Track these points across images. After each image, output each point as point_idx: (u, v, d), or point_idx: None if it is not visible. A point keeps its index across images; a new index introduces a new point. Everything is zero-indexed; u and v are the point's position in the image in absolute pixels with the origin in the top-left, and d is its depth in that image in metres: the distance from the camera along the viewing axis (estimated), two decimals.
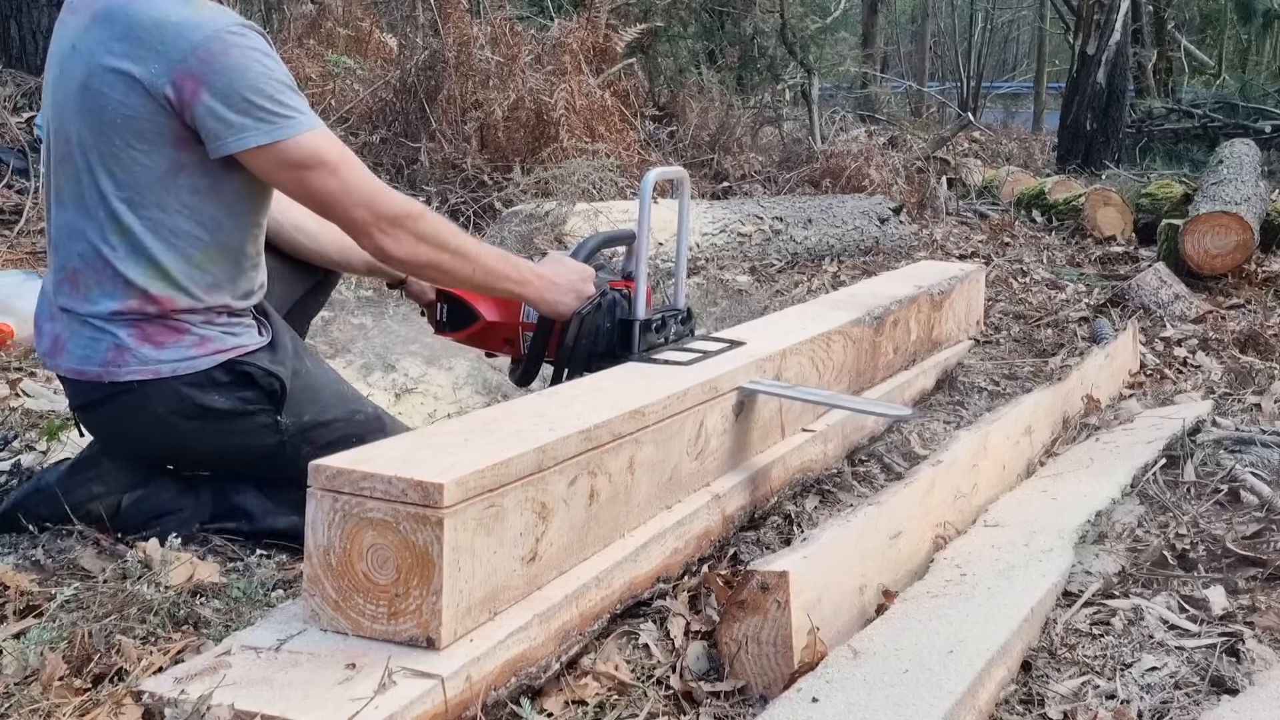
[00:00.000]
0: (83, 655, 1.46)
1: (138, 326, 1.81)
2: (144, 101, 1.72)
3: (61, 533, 1.90)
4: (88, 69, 1.75)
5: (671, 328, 2.21)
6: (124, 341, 1.81)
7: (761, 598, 1.48)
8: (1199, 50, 15.21)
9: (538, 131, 5.29)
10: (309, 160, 1.73)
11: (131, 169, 1.76)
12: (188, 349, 1.83)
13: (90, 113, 1.76)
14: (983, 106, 18.25)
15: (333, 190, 1.75)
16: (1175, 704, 1.50)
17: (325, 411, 1.94)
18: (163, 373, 1.81)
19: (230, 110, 1.70)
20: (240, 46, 1.71)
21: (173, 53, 1.70)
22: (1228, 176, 5.58)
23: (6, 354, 2.70)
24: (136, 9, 1.73)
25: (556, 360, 2.14)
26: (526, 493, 1.46)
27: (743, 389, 2.06)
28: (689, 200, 2.31)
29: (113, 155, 1.76)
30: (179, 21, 1.71)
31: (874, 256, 5.34)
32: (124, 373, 1.81)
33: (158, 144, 1.75)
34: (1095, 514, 2.06)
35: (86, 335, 1.82)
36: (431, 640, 1.33)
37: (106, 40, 1.73)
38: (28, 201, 3.65)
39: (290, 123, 1.72)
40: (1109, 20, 9.15)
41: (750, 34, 7.53)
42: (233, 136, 1.71)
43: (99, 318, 1.81)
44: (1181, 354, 3.60)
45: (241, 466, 1.96)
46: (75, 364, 1.84)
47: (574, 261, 2.12)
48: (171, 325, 1.82)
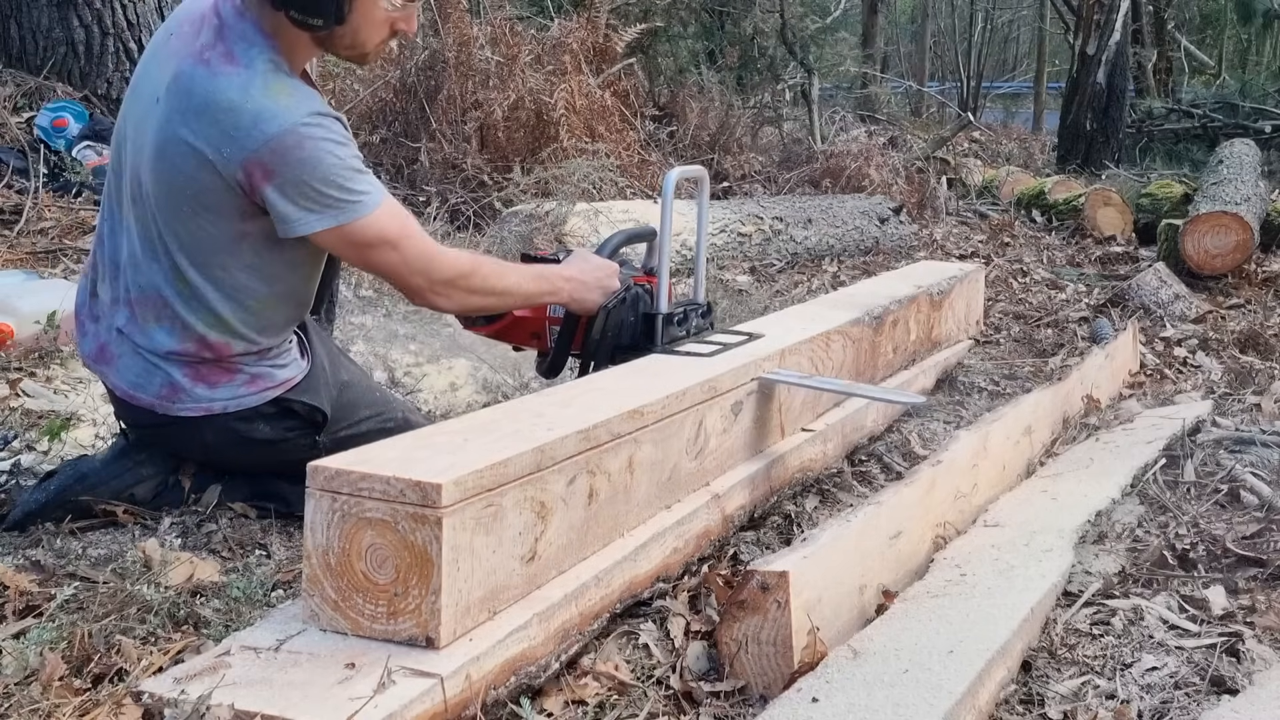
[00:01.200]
0: (83, 655, 1.46)
1: (193, 368, 1.90)
2: (214, 179, 1.77)
3: (96, 524, 1.97)
4: (164, 134, 1.79)
5: (693, 321, 2.28)
6: (178, 381, 1.89)
7: (761, 598, 1.48)
8: (1199, 50, 15.20)
9: (538, 131, 5.29)
10: (373, 241, 1.82)
11: (197, 234, 1.83)
12: (239, 388, 1.93)
13: (162, 174, 1.81)
14: (983, 106, 18.24)
15: (394, 263, 1.85)
16: (1175, 704, 1.50)
17: (360, 424, 2.04)
18: (214, 410, 1.91)
19: (300, 199, 1.76)
20: (314, 139, 1.75)
21: (247, 141, 1.73)
22: (1228, 176, 5.58)
23: (6, 354, 2.70)
24: (211, 86, 1.75)
25: (583, 353, 2.21)
26: (525, 492, 1.46)
27: (762, 379, 2.12)
28: (708, 198, 2.40)
29: (179, 219, 1.82)
30: (255, 111, 1.73)
31: (874, 256, 5.34)
32: (177, 408, 1.90)
33: (224, 215, 1.81)
34: (1095, 514, 2.06)
35: (141, 364, 1.90)
36: (431, 640, 1.33)
37: (185, 113, 1.77)
38: (28, 201, 3.65)
39: (356, 207, 1.78)
40: (1109, 20, 9.15)
41: (750, 34, 7.53)
42: (300, 223, 1.78)
43: (154, 353, 1.89)
44: (1181, 354, 3.60)
45: (282, 469, 2.02)
46: (127, 386, 1.92)
47: (599, 258, 2.19)
48: (225, 367, 1.91)
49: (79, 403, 2.62)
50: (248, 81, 1.75)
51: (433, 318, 3.40)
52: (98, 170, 4.03)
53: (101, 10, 4.56)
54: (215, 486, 2.07)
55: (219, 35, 1.78)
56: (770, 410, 2.17)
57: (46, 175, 3.91)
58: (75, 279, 3.16)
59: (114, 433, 2.50)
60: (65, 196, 3.86)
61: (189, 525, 2.03)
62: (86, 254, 3.38)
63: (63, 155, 4.06)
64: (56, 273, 3.25)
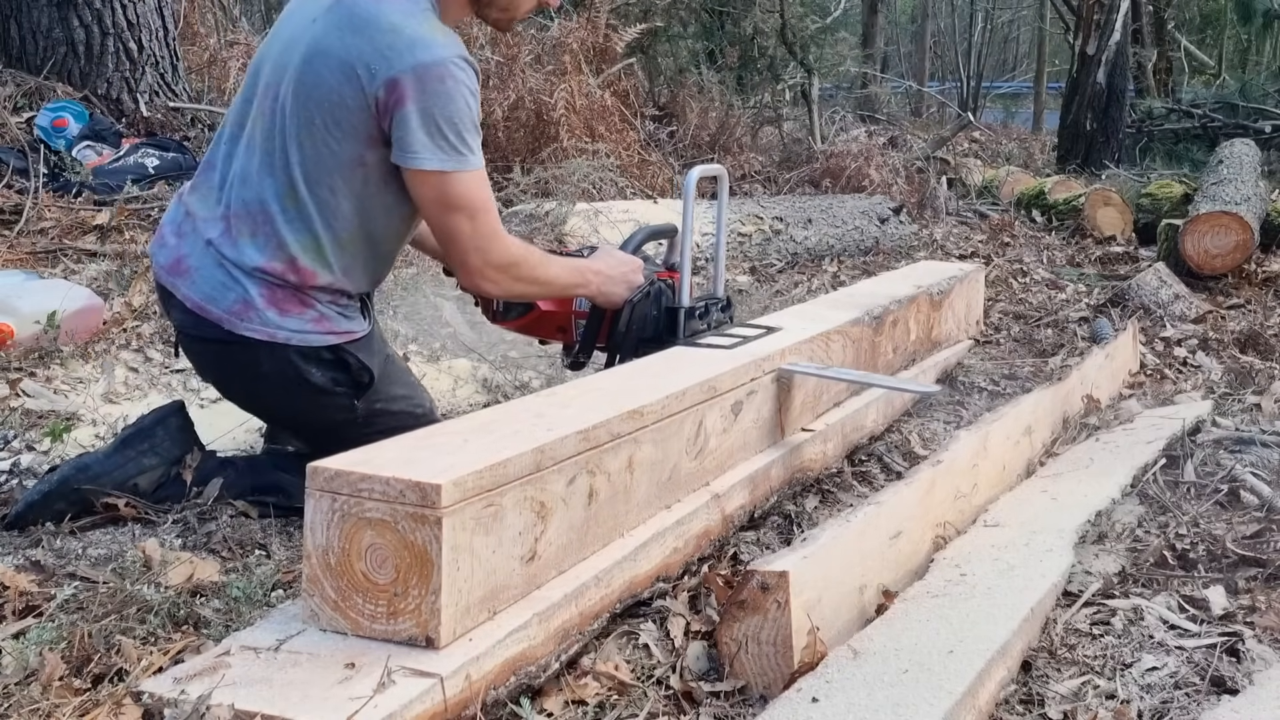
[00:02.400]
0: (83, 655, 1.46)
1: (270, 290, 1.95)
2: (354, 94, 1.86)
3: (97, 521, 2.01)
4: (316, 46, 1.90)
5: (713, 314, 2.36)
6: (253, 299, 1.95)
7: (761, 598, 1.48)
8: (1199, 50, 15.20)
9: (538, 131, 5.28)
10: (458, 201, 1.91)
11: (320, 150, 1.92)
12: (306, 323, 1.98)
13: (304, 86, 1.90)
14: (983, 106, 18.25)
15: (463, 232, 1.94)
16: (1175, 704, 1.50)
17: (393, 402, 2.11)
18: (278, 338, 1.96)
19: (423, 131, 1.85)
20: (456, 79, 1.86)
21: (399, 61, 1.83)
22: (1228, 176, 5.58)
23: (6, 354, 2.70)
24: (380, 11, 1.87)
25: (608, 346, 2.28)
26: (525, 492, 1.46)
27: (781, 370, 2.18)
28: (727, 196, 2.50)
29: (308, 132, 1.91)
30: (413, 37, 1.85)
31: (874, 256, 5.34)
32: (244, 327, 1.95)
33: (351, 136, 1.90)
34: (1095, 514, 2.06)
35: (221, 277, 1.95)
36: (431, 639, 1.33)
37: (342, 27, 1.88)
38: (28, 201, 3.64)
39: (464, 160, 1.89)
40: (1109, 20, 9.15)
41: (750, 34, 7.52)
42: (414, 155, 1.87)
43: (239, 267, 1.94)
44: (1181, 354, 3.60)
45: (308, 430, 2.12)
46: (199, 299, 1.96)
47: (624, 254, 2.27)
48: (300, 298, 1.97)
49: (79, 403, 2.62)
50: (411, 12, 1.88)
51: (433, 317, 3.40)
52: (98, 170, 4.02)
53: (101, 10, 4.55)
54: (216, 480, 2.10)
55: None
56: (770, 410, 2.17)
57: (46, 175, 3.91)
58: (75, 279, 3.16)
59: (114, 432, 2.50)
60: (65, 196, 3.85)
61: (190, 524, 2.03)
62: (86, 254, 3.39)
63: (63, 155, 4.05)
64: (56, 273, 3.25)
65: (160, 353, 2.92)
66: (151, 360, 2.89)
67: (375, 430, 1.86)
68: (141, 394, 2.74)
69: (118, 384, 2.75)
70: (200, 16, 5.96)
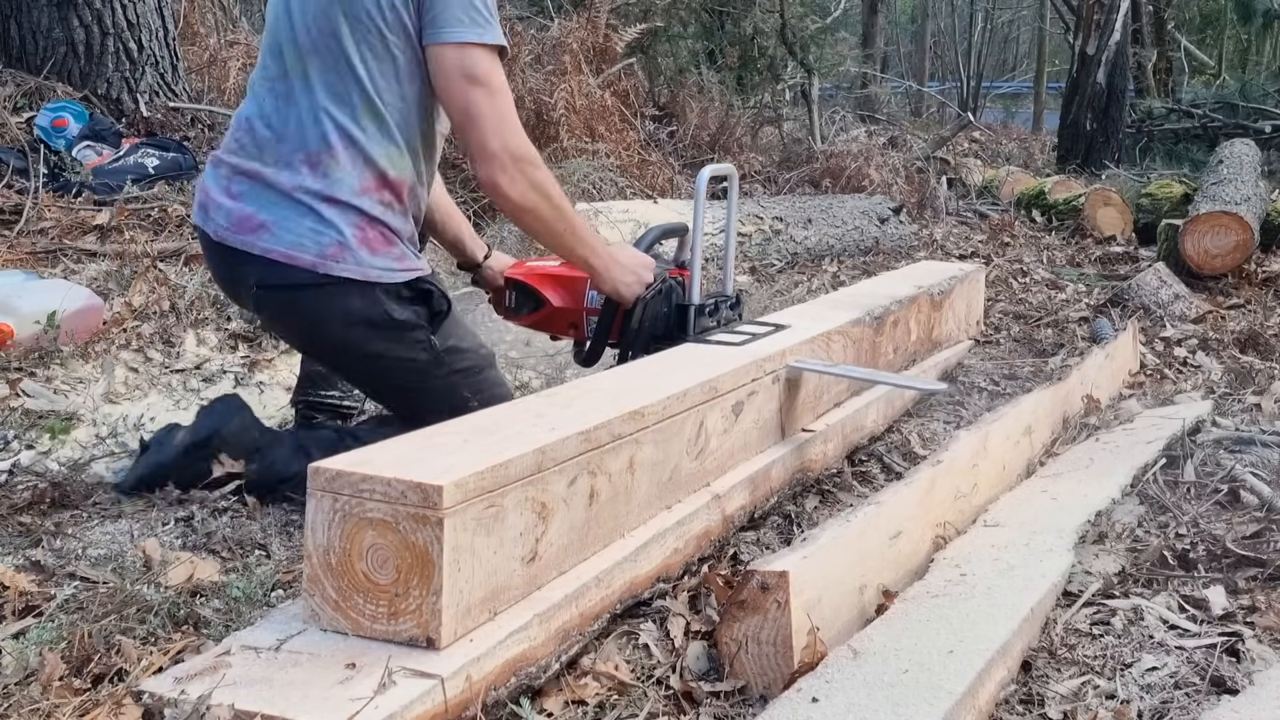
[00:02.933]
0: (83, 655, 1.46)
1: (362, 230, 2.03)
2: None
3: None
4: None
5: (723, 312, 2.39)
6: (347, 240, 2.01)
7: (761, 598, 1.48)
8: (1199, 50, 15.20)
9: (538, 131, 5.28)
10: (480, 76, 1.98)
11: (383, 63, 2.01)
12: (392, 261, 2.06)
13: (351, 7, 1.99)
14: (983, 106, 18.25)
15: (483, 110, 1.98)
16: (1175, 704, 1.50)
17: (462, 340, 2.19)
18: (370, 276, 2.03)
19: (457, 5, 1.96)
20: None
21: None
22: (1228, 176, 5.58)
23: (6, 354, 2.70)
24: None
25: (620, 342, 2.31)
26: (526, 493, 1.46)
27: (790, 367, 2.22)
28: (737, 195, 2.53)
29: (368, 48, 2.00)
30: None
31: (874, 256, 5.34)
32: (339, 268, 2.01)
33: (405, 39, 2.00)
34: (1095, 514, 2.06)
35: (309, 224, 2.00)
36: (431, 640, 1.33)
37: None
38: (28, 201, 3.64)
39: (485, 31, 1.98)
40: (1109, 20, 9.15)
41: (750, 34, 7.52)
42: (450, 29, 1.97)
43: (334, 203, 2.01)
44: (1181, 354, 3.60)
45: (386, 376, 2.15)
46: (286, 248, 2.00)
47: (636, 251, 2.30)
48: (388, 236, 2.06)
49: (79, 403, 2.62)
50: None
51: None
52: (98, 170, 4.02)
53: (101, 10, 4.55)
54: (292, 480, 2.12)
55: None
56: (771, 411, 2.17)
57: (46, 175, 3.91)
58: (75, 279, 3.16)
59: (114, 432, 2.50)
60: (65, 196, 3.85)
61: (191, 524, 2.03)
62: (86, 254, 3.39)
63: (63, 155, 4.05)
64: (56, 273, 3.24)
65: (160, 353, 2.93)
66: (151, 360, 2.89)
67: (451, 370, 2.11)
68: (141, 394, 2.74)
69: (118, 384, 2.75)
70: (200, 16, 5.96)
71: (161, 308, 3.07)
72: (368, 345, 2.08)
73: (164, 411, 2.68)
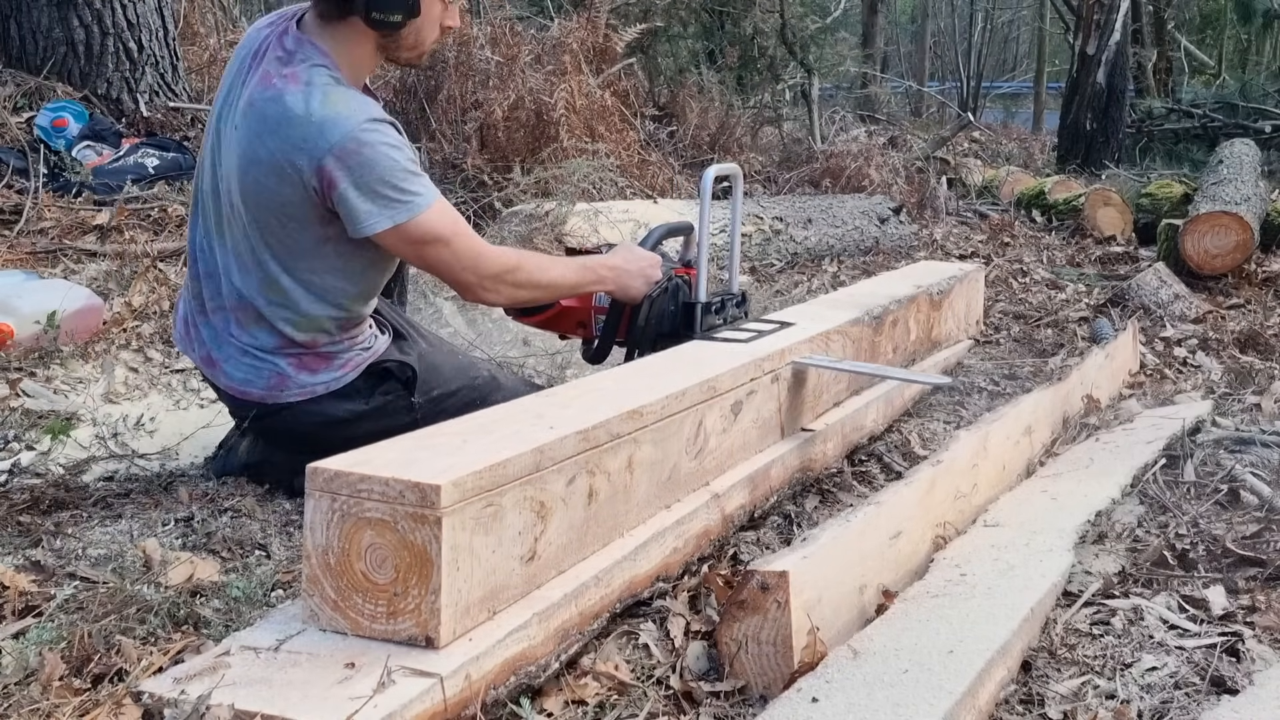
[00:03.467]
0: (83, 655, 1.46)
1: (297, 358, 2.11)
2: (294, 190, 1.97)
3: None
4: (247, 155, 2.00)
5: (729, 309, 2.42)
6: (285, 371, 2.11)
7: (761, 598, 1.48)
8: (1199, 50, 15.19)
9: (538, 131, 5.28)
10: (426, 238, 2.01)
11: (286, 242, 2.03)
12: (336, 370, 2.14)
13: (249, 192, 2.01)
14: (983, 106, 18.24)
15: (446, 260, 2.05)
16: (1175, 704, 1.50)
17: (449, 383, 2.23)
18: (318, 392, 2.13)
19: (362, 200, 1.94)
20: (371, 143, 1.94)
21: (314, 150, 1.92)
22: (1228, 176, 5.58)
23: (6, 354, 2.70)
24: (280, 108, 1.95)
25: (627, 340, 2.35)
26: (525, 492, 1.46)
27: (796, 364, 2.25)
28: (742, 195, 2.58)
29: (270, 230, 2.02)
30: (320, 121, 1.93)
31: (874, 256, 5.33)
32: (285, 396, 2.12)
33: (308, 222, 2.01)
34: (1095, 514, 2.06)
35: (247, 363, 2.11)
36: (430, 639, 1.33)
37: (260, 133, 1.97)
38: (28, 201, 3.64)
39: (410, 207, 1.97)
40: (1109, 20, 9.15)
41: (750, 34, 7.52)
42: (365, 222, 1.96)
43: (262, 350, 2.10)
44: (1181, 354, 3.60)
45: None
46: (237, 385, 2.13)
47: (643, 250, 2.35)
48: (322, 355, 2.13)
49: (79, 403, 2.62)
50: (309, 96, 1.94)
51: (432, 317, 3.40)
52: (98, 170, 4.02)
53: (101, 10, 4.55)
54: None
55: (283, 62, 1.99)
56: (770, 410, 2.17)
57: (46, 175, 3.91)
58: (75, 279, 3.16)
59: (114, 432, 2.50)
60: (65, 196, 3.85)
61: (191, 524, 2.03)
62: (86, 254, 3.39)
63: (63, 155, 4.05)
64: (56, 273, 3.25)
65: (160, 352, 2.92)
66: (151, 360, 2.89)
67: (448, 414, 1.97)
68: (141, 394, 2.74)
69: (118, 384, 2.75)
70: (200, 16, 5.96)
71: (161, 308, 3.07)
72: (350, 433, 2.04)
73: (164, 411, 2.68)
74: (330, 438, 2.00)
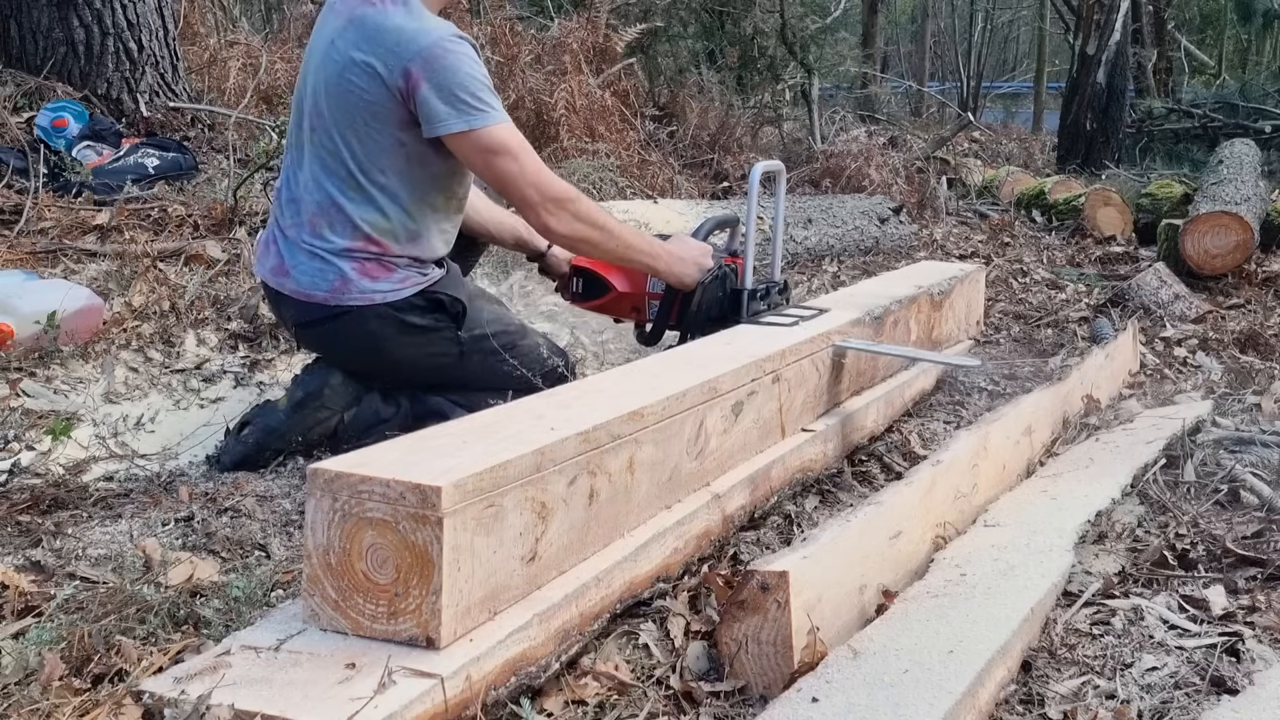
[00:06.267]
0: (82, 655, 1.46)
1: (359, 263, 2.30)
2: (381, 90, 2.19)
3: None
4: (342, 62, 2.23)
5: (772, 296, 2.60)
6: (348, 275, 2.29)
7: (761, 598, 1.48)
8: (1199, 50, 15.19)
9: (538, 131, 5.28)
10: (496, 147, 2.20)
11: (367, 142, 2.24)
12: (395, 283, 2.32)
13: (341, 95, 2.24)
14: (983, 106, 18.24)
15: (512, 172, 2.21)
16: (1175, 704, 1.50)
17: (490, 325, 2.44)
18: (376, 300, 2.30)
19: (442, 101, 2.16)
20: (455, 53, 2.17)
21: (404, 53, 2.17)
22: (1228, 176, 5.58)
23: (6, 354, 2.70)
24: (381, 18, 2.22)
25: (680, 324, 2.54)
26: (526, 492, 1.46)
27: (836, 347, 2.43)
28: (785, 188, 2.80)
29: (354, 130, 2.24)
30: (413, 30, 2.19)
31: (874, 256, 5.33)
32: (347, 299, 2.30)
33: (388, 124, 2.22)
34: (1095, 514, 2.06)
35: (317, 265, 2.30)
36: (431, 640, 1.33)
37: (357, 40, 2.22)
38: (28, 201, 3.64)
39: (486, 116, 2.18)
40: (1109, 20, 9.15)
41: (750, 34, 7.52)
42: (441, 123, 2.18)
43: (331, 252, 2.29)
44: (1181, 354, 3.60)
45: (429, 373, 2.44)
46: (303, 288, 2.32)
47: (696, 240, 2.56)
48: (385, 264, 2.31)
49: (79, 403, 2.62)
50: (407, 11, 2.22)
51: None
52: (98, 170, 4.02)
53: (101, 10, 4.55)
54: (384, 424, 2.41)
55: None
56: (770, 410, 2.17)
57: (46, 175, 3.90)
58: (75, 279, 3.16)
59: (114, 432, 2.50)
60: (65, 196, 3.85)
61: (191, 524, 2.03)
62: (86, 254, 3.39)
63: (63, 155, 4.05)
64: (56, 273, 3.24)
65: (160, 352, 2.92)
66: (151, 360, 2.89)
67: (485, 353, 2.37)
68: (141, 394, 2.74)
69: (118, 384, 2.75)
70: (200, 16, 5.96)
71: (161, 308, 3.07)
72: (399, 352, 2.36)
73: (164, 411, 2.68)
74: (382, 348, 2.35)
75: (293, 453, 2.40)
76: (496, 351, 2.37)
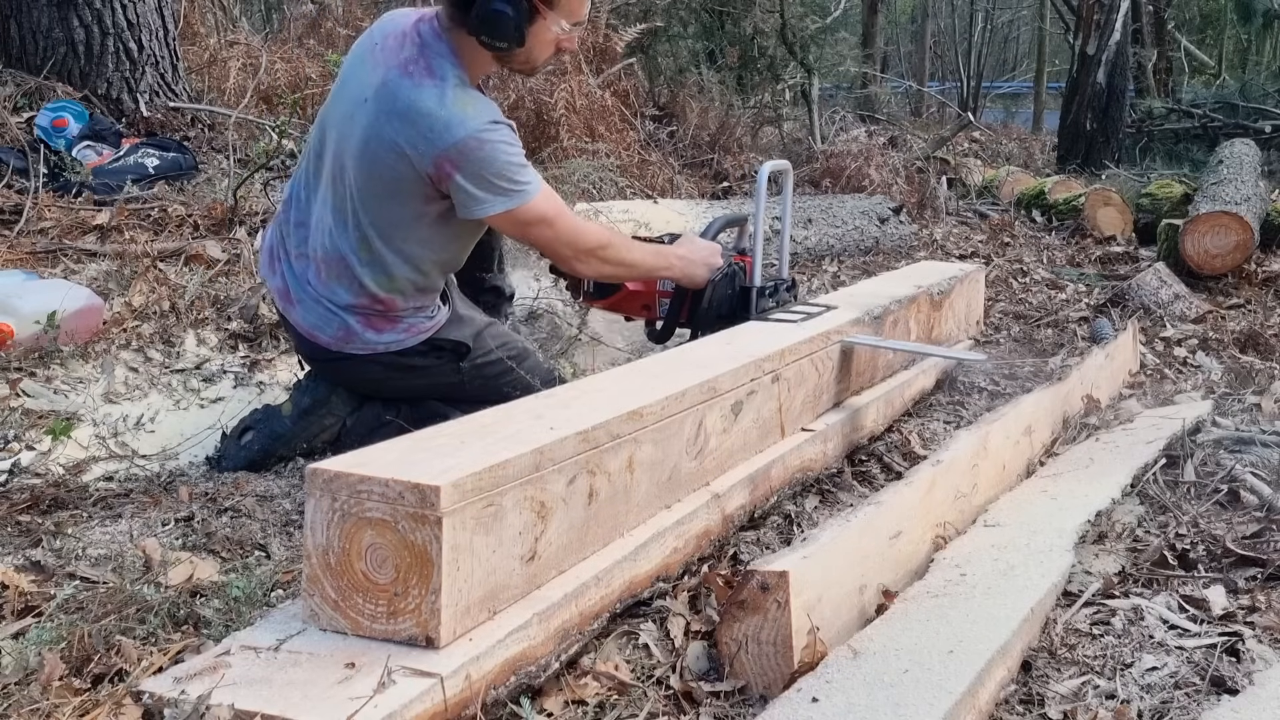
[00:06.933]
0: (82, 655, 1.46)
1: (364, 317, 2.33)
2: (408, 170, 2.18)
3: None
4: (371, 130, 2.20)
5: (780, 293, 2.65)
6: (352, 327, 2.33)
7: (761, 598, 1.48)
8: (1199, 50, 15.19)
9: (538, 131, 5.28)
10: (533, 220, 2.26)
11: (385, 213, 2.25)
12: (399, 334, 2.36)
13: (365, 163, 2.22)
14: (983, 106, 18.23)
15: (548, 238, 2.32)
16: (1175, 704, 1.50)
17: (491, 353, 2.47)
18: (379, 349, 2.35)
19: (478, 189, 2.17)
20: (490, 143, 2.16)
21: (437, 143, 2.14)
22: (1228, 176, 5.58)
23: (6, 354, 2.70)
24: (414, 95, 2.16)
25: (690, 322, 2.59)
26: (525, 492, 1.46)
27: (845, 343, 2.48)
28: (791, 187, 2.89)
29: (373, 200, 2.24)
30: (447, 119, 2.14)
31: (874, 256, 5.33)
32: (350, 349, 2.35)
33: (412, 199, 2.23)
34: (1095, 514, 2.06)
35: (321, 310, 2.33)
36: (431, 639, 1.33)
37: (388, 113, 2.17)
38: (28, 201, 3.64)
39: (522, 195, 2.21)
40: (1109, 20, 9.15)
41: (750, 34, 7.51)
42: (478, 206, 2.19)
43: (337, 306, 2.32)
44: (1181, 354, 3.60)
45: (429, 395, 2.48)
46: (309, 327, 2.35)
47: (705, 240, 2.62)
48: (390, 318, 2.34)
49: (79, 403, 2.62)
50: (442, 94, 2.15)
51: None
52: (98, 170, 4.02)
53: (101, 10, 4.54)
54: (385, 427, 2.41)
55: (420, 52, 2.20)
56: (770, 410, 2.17)
57: (46, 175, 3.90)
58: (75, 279, 3.16)
59: (114, 432, 2.50)
60: (65, 196, 3.84)
61: (192, 524, 2.03)
62: (86, 254, 3.39)
63: (63, 155, 4.04)
64: (56, 273, 3.24)
65: (160, 353, 2.92)
66: (151, 360, 2.89)
67: (486, 377, 2.42)
68: (141, 394, 2.74)
69: (118, 384, 2.75)
70: (200, 16, 5.96)
71: (161, 308, 3.07)
72: (401, 383, 2.43)
73: (164, 411, 2.68)
74: (384, 385, 2.43)
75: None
76: (497, 376, 2.43)
